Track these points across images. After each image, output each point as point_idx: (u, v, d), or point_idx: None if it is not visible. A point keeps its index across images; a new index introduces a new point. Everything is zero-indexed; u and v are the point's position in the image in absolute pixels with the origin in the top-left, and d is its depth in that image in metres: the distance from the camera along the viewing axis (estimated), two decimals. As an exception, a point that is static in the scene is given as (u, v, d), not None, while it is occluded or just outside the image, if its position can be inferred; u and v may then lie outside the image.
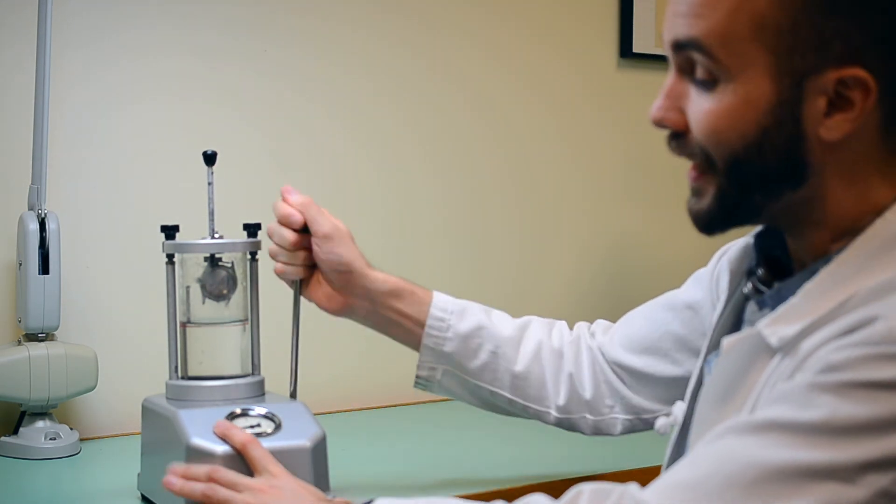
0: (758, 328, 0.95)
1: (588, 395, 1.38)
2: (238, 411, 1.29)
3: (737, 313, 1.10)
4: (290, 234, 1.34)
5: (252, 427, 1.27)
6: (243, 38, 1.93)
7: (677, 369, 1.34)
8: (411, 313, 1.38)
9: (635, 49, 2.30)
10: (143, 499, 1.38)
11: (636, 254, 2.34)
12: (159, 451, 1.32)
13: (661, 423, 1.23)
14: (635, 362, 1.37)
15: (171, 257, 1.38)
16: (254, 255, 1.39)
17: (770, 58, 0.93)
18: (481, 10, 2.16)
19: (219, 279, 1.37)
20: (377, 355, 1.39)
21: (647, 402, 1.37)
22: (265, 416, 1.28)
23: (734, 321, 1.10)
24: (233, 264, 1.38)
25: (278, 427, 1.27)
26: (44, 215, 1.63)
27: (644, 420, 1.38)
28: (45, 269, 1.63)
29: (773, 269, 1.06)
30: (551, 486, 1.44)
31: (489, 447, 1.66)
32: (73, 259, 1.75)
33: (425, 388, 1.41)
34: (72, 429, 1.68)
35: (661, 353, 1.35)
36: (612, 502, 0.90)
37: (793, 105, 0.94)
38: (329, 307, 1.38)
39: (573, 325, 1.45)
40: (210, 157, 1.38)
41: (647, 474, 1.25)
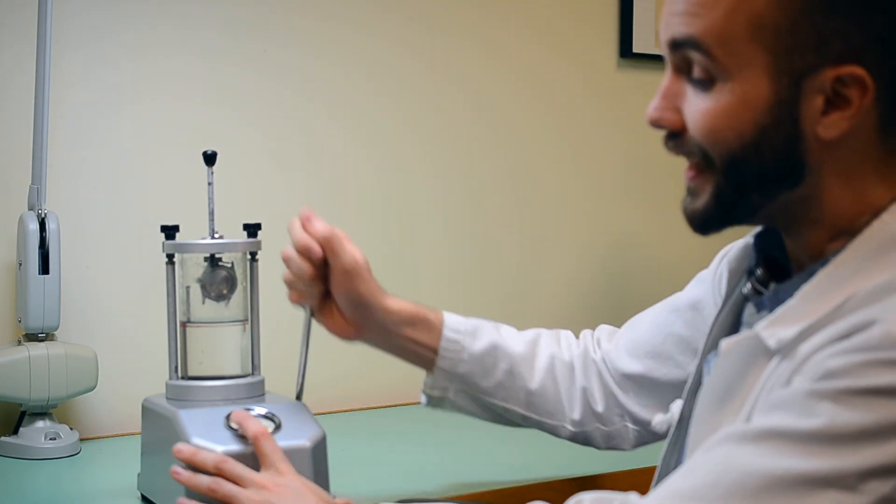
0: (756, 330, 0.95)
1: (600, 408, 1.37)
2: (238, 411, 1.29)
3: (736, 314, 1.10)
4: (308, 267, 1.28)
5: (252, 427, 1.27)
6: (243, 38, 1.93)
7: (680, 373, 1.32)
8: (425, 340, 1.34)
9: (635, 49, 2.30)
10: (143, 499, 1.38)
11: (636, 254, 2.34)
12: (159, 451, 1.32)
13: (658, 420, 1.23)
14: (638, 368, 1.35)
15: (171, 257, 1.38)
16: (254, 255, 1.39)
17: (768, 57, 0.93)
18: (481, 10, 2.16)
19: (219, 279, 1.37)
20: (377, 355, 1.38)
21: (651, 413, 1.34)
22: (265, 416, 1.28)
23: (733, 321, 1.10)
24: (233, 264, 1.38)
25: (278, 427, 1.27)
26: (44, 215, 1.63)
27: (653, 432, 1.34)
28: (45, 269, 1.62)
29: (773, 269, 1.06)
30: (551, 486, 1.44)
31: (489, 447, 1.66)
32: (73, 259, 1.75)
33: (436, 407, 1.39)
34: (72, 429, 1.68)
35: (663, 356, 1.34)
36: (612, 512, 0.90)
37: (791, 104, 0.94)
38: (342, 335, 1.35)
39: (575, 329, 1.44)
40: (210, 157, 1.38)
41: (647, 474, 1.25)
